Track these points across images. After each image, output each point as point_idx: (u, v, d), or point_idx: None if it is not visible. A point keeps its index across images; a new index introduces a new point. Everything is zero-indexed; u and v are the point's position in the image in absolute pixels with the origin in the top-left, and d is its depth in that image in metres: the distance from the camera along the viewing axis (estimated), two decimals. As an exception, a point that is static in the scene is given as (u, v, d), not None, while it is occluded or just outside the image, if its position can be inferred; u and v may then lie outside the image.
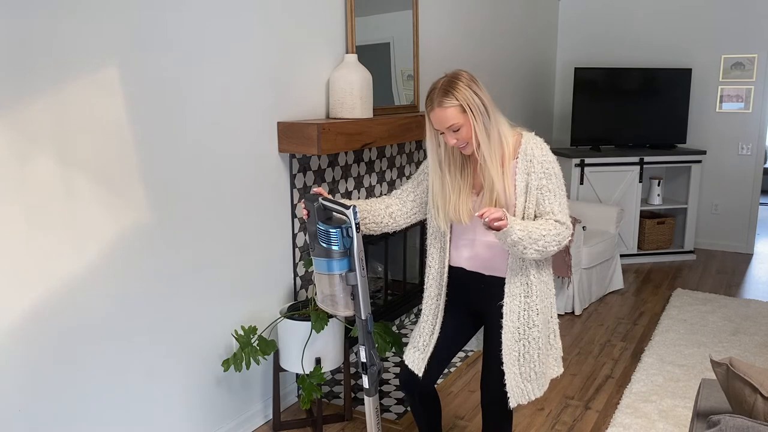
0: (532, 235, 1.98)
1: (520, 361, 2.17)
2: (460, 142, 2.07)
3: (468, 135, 2.06)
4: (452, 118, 2.04)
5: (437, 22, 4.32)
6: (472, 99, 2.03)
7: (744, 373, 1.78)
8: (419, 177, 2.32)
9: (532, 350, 2.17)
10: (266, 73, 2.90)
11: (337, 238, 2.02)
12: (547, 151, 2.14)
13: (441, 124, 2.06)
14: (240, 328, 2.79)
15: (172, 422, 2.65)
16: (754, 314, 4.42)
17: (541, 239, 2.00)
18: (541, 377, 2.21)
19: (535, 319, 2.15)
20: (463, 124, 2.04)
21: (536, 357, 2.18)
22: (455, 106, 2.03)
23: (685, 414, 3.10)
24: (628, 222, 5.64)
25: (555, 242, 2.04)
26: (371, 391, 2.14)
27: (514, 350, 2.16)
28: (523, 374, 2.18)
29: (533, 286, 2.14)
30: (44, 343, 2.14)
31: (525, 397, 2.19)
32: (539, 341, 2.17)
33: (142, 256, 2.43)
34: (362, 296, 2.07)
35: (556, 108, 6.79)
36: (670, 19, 6.12)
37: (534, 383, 2.20)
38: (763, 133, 5.96)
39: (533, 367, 2.18)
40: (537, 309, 2.15)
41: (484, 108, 2.04)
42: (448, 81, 2.05)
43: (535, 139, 2.15)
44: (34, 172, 2.04)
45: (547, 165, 2.11)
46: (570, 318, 4.45)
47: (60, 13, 2.06)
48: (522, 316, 2.15)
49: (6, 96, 1.94)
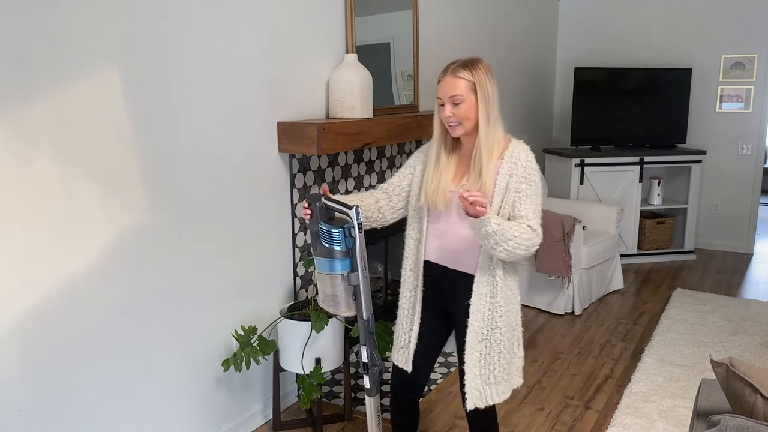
0: (505, 233, 1.98)
1: (481, 362, 2.16)
2: (455, 117, 2.08)
3: (466, 114, 2.07)
4: (459, 89, 2.06)
5: (437, 22, 4.32)
6: (486, 83, 2.08)
7: (744, 373, 1.78)
8: (405, 171, 2.32)
9: (493, 352, 2.15)
10: (266, 73, 2.90)
11: (339, 238, 2.02)
12: (532, 158, 2.16)
13: (446, 91, 2.08)
14: (240, 328, 2.79)
15: (172, 422, 2.65)
16: (754, 314, 4.42)
17: (513, 239, 1.99)
18: (502, 383, 2.19)
19: (498, 320, 2.15)
20: (466, 100, 2.07)
21: (497, 360, 2.16)
22: (467, 81, 2.07)
23: (685, 414, 3.10)
24: (628, 222, 5.63)
25: (524, 246, 2.02)
26: (372, 391, 2.14)
27: (476, 350, 2.16)
28: (483, 376, 2.16)
29: (498, 287, 2.14)
30: (44, 343, 2.14)
31: (482, 401, 2.17)
32: (501, 344, 2.15)
33: (142, 256, 2.43)
34: (364, 296, 2.06)
35: (556, 108, 6.79)
36: (670, 19, 6.12)
37: (494, 388, 2.17)
38: (763, 133, 5.96)
39: (493, 371, 2.16)
40: (501, 311, 2.15)
41: (492, 97, 2.09)
42: (470, 59, 2.11)
43: (523, 146, 2.18)
44: (34, 172, 2.04)
45: (530, 171, 2.12)
46: (570, 318, 4.45)
47: (60, 14, 2.06)
48: (486, 316, 2.15)
49: (6, 96, 1.94)
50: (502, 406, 3.23)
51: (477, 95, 2.07)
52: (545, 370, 3.65)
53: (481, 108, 2.07)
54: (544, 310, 4.56)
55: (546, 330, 4.24)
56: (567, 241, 4.27)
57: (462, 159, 2.19)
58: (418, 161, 2.28)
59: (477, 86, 2.06)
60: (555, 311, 4.51)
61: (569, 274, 4.31)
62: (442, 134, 2.18)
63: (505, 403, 3.25)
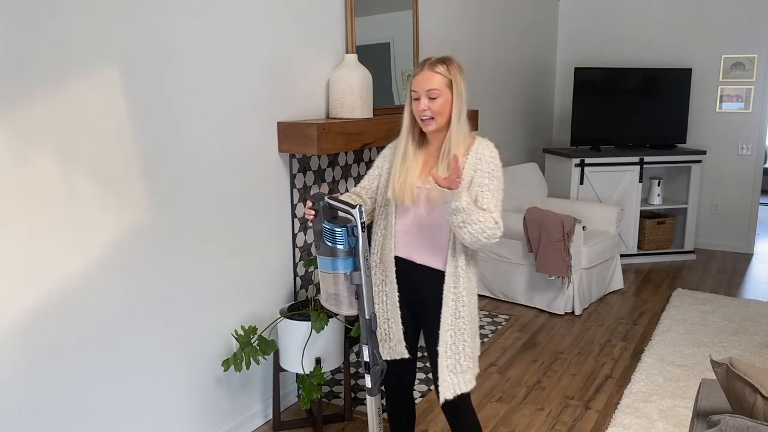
0: (472, 215, 2.03)
1: (448, 353, 2.21)
2: (430, 111, 2.12)
3: (440, 108, 2.13)
4: (437, 83, 2.12)
5: (437, 22, 4.32)
6: (460, 81, 2.15)
7: (744, 373, 1.78)
8: (374, 173, 2.37)
9: (459, 342, 2.21)
10: (266, 73, 2.90)
11: (342, 237, 2.04)
12: (497, 155, 2.20)
13: (423, 85, 2.12)
14: (240, 328, 2.79)
15: (172, 422, 2.65)
16: (754, 314, 4.42)
17: (478, 224, 2.04)
18: (468, 372, 2.24)
19: (462, 311, 2.20)
20: (442, 95, 2.12)
21: (462, 349, 2.21)
22: (445, 77, 2.13)
23: (685, 414, 3.10)
24: (628, 222, 5.63)
25: (486, 235, 2.06)
26: (374, 391, 2.14)
27: (446, 341, 2.21)
28: (450, 366, 2.21)
29: (461, 278, 2.19)
30: (44, 343, 2.14)
31: (452, 391, 2.21)
32: (465, 333, 2.21)
33: (142, 256, 2.43)
34: (366, 296, 2.07)
35: (556, 108, 6.79)
36: (670, 19, 6.12)
37: (461, 377, 2.22)
38: (763, 133, 5.96)
39: (459, 360, 2.21)
40: (464, 301, 2.20)
41: (464, 95, 2.16)
42: (445, 57, 2.17)
43: (488, 143, 2.22)
44: (34, 172, 2.04)
45: (494, 167, 2.17)
46: (570, 318, 4.45)
47: (60, 14, 2.06)
48: (451, 306, 2.20)
49: (6, 96, 1.94)
50: (501, 407, 3.23)
51: (452, 91, 2.13)
52: (545, 370, 3.65)
53: (455, 104, 2.14)
54: (544, 310, 4.56)
55: (546, 330, 4.24)
56: (567, 241, 4.27)
57: (429, 155, 2.23)
58: (385, 161, 2.34)
59: (453, 83, 2.13)
60: (555, 311, 4.51)
61: (569, 274, 4.31)
62: (411, 129, 2.22)
63: (505, 403, 3.26)
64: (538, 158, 6.27)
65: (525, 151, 6.15)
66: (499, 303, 4.73)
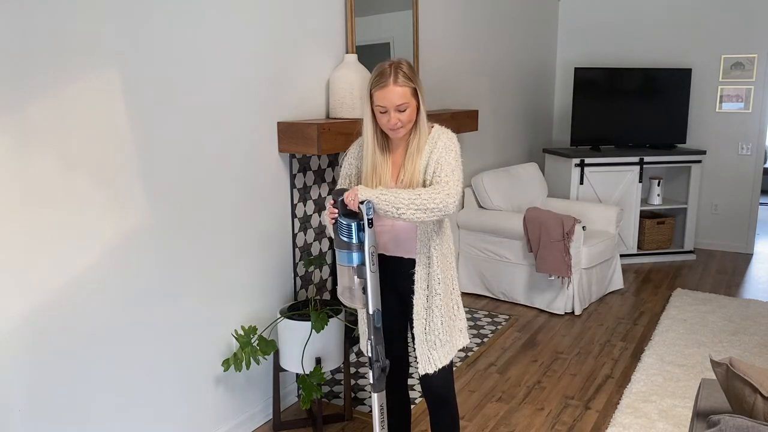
0: (400, 197, 2.06)
1: (426, 329, 2.26)
2: (402, 122, 2.15)
3: (409, 117, 2.16)
4: (405, 96, 2.14)
5: (437, 22, 4.32)
6: (420, 84, 2.19)
7: (744, 373, 1.78)
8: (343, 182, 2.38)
9: (436, 318, 2.25)
10: (266, 73, 2.90)
11: (354, 231, 2.10)
12: (454, 137, 2.26)
13: (392, 101, 2.13)
14: (240, 328, 2.79)
15: (173, 422, 2.65)
16: (754, 314, 4.43)
17: (417, 198, 2.06)
18: (446, 345, 2.28)
19: (437, 287, 2.24)
20: (409, 104, 2.15)
21: (439, 325, 2.25)
22: (410, 87, 2.15)
23: (685, 414, 3.10)
24: (628, 222, 5.64)
25: (433, 200, 2.07)
26: (377, 387, 2.14)
27: (422, 318, 2.25)
28: (429, 342, 2.26)
29: (434, 257, 2.23)
30: (45, 344, 2.14)
31: (431, 365, 2.26)
32: (441, 309, 2.25)
33: (142, 256, 2.43)
34: (371, 291, 2.10)
35: (556, 108, 6.79)
36: (670, 19, 6.12)
37: (440, 351, 2.27)
38: (763, 133, 5.96)
39: (438, 335, 2.26)
40: (438, 278, 2.24)
41: (424, 94, 2.20)
42: (399, 63, 2.18)
43: (445, 130, 2.27)
44: (34, 172, 2.04)
45: (450, 144, 2.22)
46: (570, 318, 4.45)
47: (60, 14, 2.06)
48: (424, 285, 2.24)
49: (6, 96, 1.94)
50: (501, 407, 3.23)
51: (417, 98, 2.17)
52: (545, 370, 3.65)
53: (421, 108, 2.19)
54: (544, 310, 4.56)
55: (546, 330, 4.24)
56: (567, 241, 4.27)
57: (397, 155, 2.27)
58: (352, 167, 2.36)
59: (418, 90, 2.17)
60: (555, 311, 4.51)
61: (569, 274, 4.31)
62: (375, 138, 2.23)
63: (505, 403, 3.26)
64: (538, 158, 6.27)
65: (525, 151, 6.15)
66: (499, 303, 4.73)
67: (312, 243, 3.30)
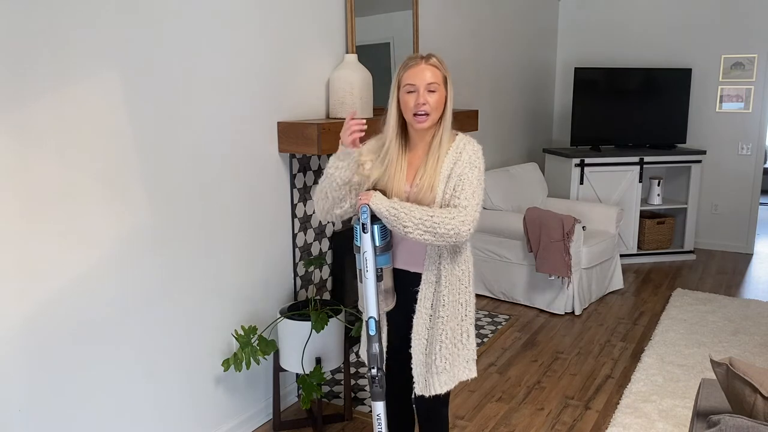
0: (412, 213, 1.98)
1: (426, 351, 2.16)
2: (428, 106, 2.07)
3: (437, 104, 2.09)
4: (436, 77, 2.08)
5: (437, 22, 4.32)
6: (450, 78, 2.14)
7: (744, 373, 1.78)
8: None
9: (435, 342, 2.14)
10: (266, 73, 2.90)
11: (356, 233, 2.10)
12: (479, 151, 2.15)
13: (423, 78, 2.07)
14: (240, 328, 2.79)
15: (173, 422, 2.65)
16: (754, 314, 4.43)
17: (429, 219, 1.98)
18: (444, 373, 2.17)
19: (441, 310, 2.14)
20: (439, 90, 2.09)
21: (438, 350, 2.14)
22: (442, 72, 2.11)
23: (685, 414, 3.10)
24: (628, 222, 5.63)
25: (446, 225, 1.98)
26: (374, 396, 2.11)
27: (423, 337, 2.16)
28: (427, 365, 2.16)
29: (443, 276, 2.13)
30: (45, 344, 2.14)
31: (427, 389, 2.17)
32: (443, 334, 2.14)
33: (142, 256, 2.43)
34: (369, 297, 2.07)
35: (556, 108, 6.79)
36: (670, 19, 6.12)
37: (436, 378, 2.16)
38: (763, 133, 5.96)
39: (434, 360, 2.15)
40: (444, 301, 2.13)
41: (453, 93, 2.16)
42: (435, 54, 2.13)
43: (471, 140, 2.18)
44: (34, 172, 2.04)
45: (475, 158, 2.12)
46: (570, 318, 4.45)
47: (60, 14, 2.06)
48: (429, 304, 2.15)
49: (6, 96, 1.94)
50: (501, 407, 3.23)
51: (446, 88, 2.12)
52: (545, 370, 3.65)
53: (448, 101, 2.12)
54: (544, 310, 4.56)
55: (546, 330, 4.24)
56: (567, 241, 4.27)
57: (414, 156, 2.18)
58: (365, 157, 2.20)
59: (447, 79, 2.12)
60: (555, 311, 4.51)
61: (569, 274, 4.31)
62: (398, 131, 2.15)
63: (505, 402, 3.26)
64: (538, 158, 6.27)
65: (525, 151, 6.15)
66: (499, 303, 4.73)
67: (312, 243, 3.30)
